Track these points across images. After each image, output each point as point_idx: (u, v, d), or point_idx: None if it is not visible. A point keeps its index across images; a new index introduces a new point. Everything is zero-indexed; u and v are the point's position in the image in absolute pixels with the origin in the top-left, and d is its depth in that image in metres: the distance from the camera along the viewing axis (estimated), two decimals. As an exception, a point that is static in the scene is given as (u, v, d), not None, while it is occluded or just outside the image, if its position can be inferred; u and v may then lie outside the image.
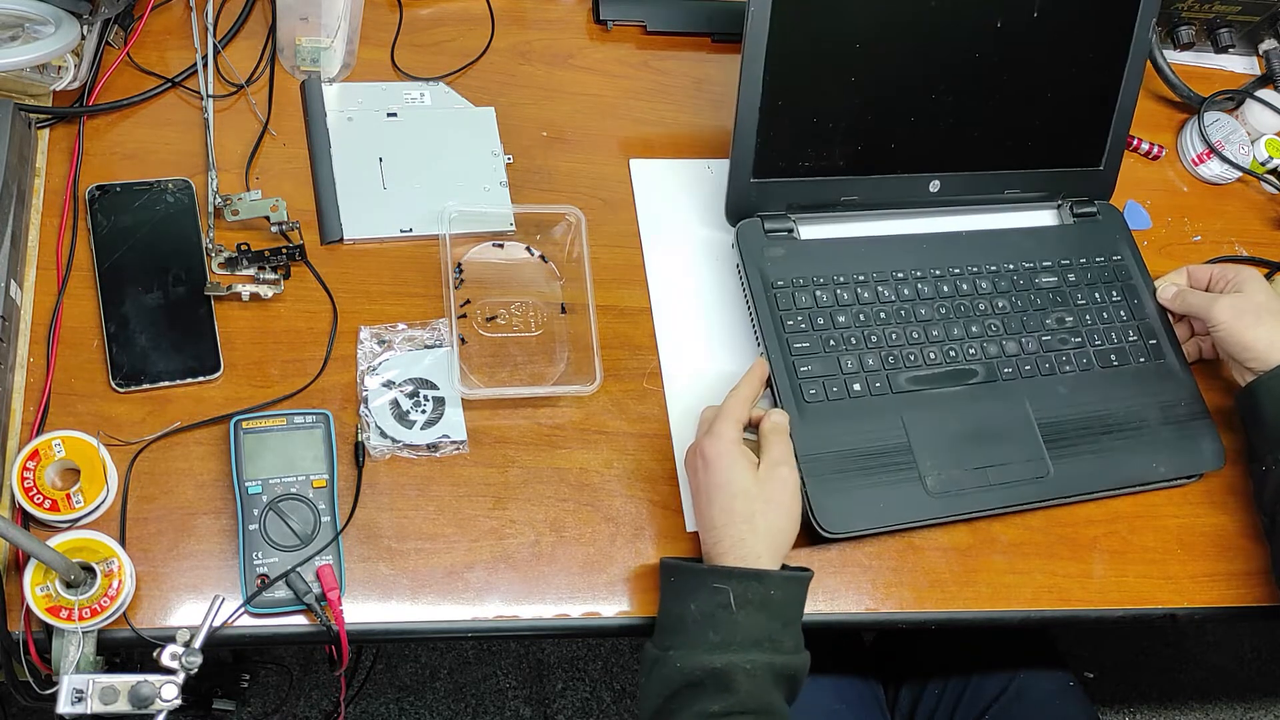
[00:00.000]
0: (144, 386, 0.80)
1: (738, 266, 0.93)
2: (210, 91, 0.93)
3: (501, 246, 0.93)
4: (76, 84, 0.89)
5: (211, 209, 0.87)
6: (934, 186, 0.97)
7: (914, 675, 1.07)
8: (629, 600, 0.81)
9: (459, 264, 0.91)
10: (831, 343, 0.90)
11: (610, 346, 0.90)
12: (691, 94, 1.04)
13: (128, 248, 0.85)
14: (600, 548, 0.82)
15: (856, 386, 0.88)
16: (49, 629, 0.70)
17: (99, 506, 0.75)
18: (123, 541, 0.75)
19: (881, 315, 0.92)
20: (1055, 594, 0.87)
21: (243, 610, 0.74)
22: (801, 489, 0.82)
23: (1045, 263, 0.99)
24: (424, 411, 0.83)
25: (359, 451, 0.81)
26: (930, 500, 0.85)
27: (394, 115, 0.97)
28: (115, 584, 0.70)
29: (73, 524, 0.74)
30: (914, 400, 0.89)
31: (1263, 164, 1.13)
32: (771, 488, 0.77)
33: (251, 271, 0.85)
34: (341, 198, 0.91)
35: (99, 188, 0.87)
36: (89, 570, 0.70)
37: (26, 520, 0.74)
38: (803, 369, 0.88)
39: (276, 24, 0.95)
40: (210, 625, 0.71)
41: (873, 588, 0.84)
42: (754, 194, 0.93)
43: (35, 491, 0.73)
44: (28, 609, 0.69)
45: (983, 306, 0.95)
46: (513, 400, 0.86)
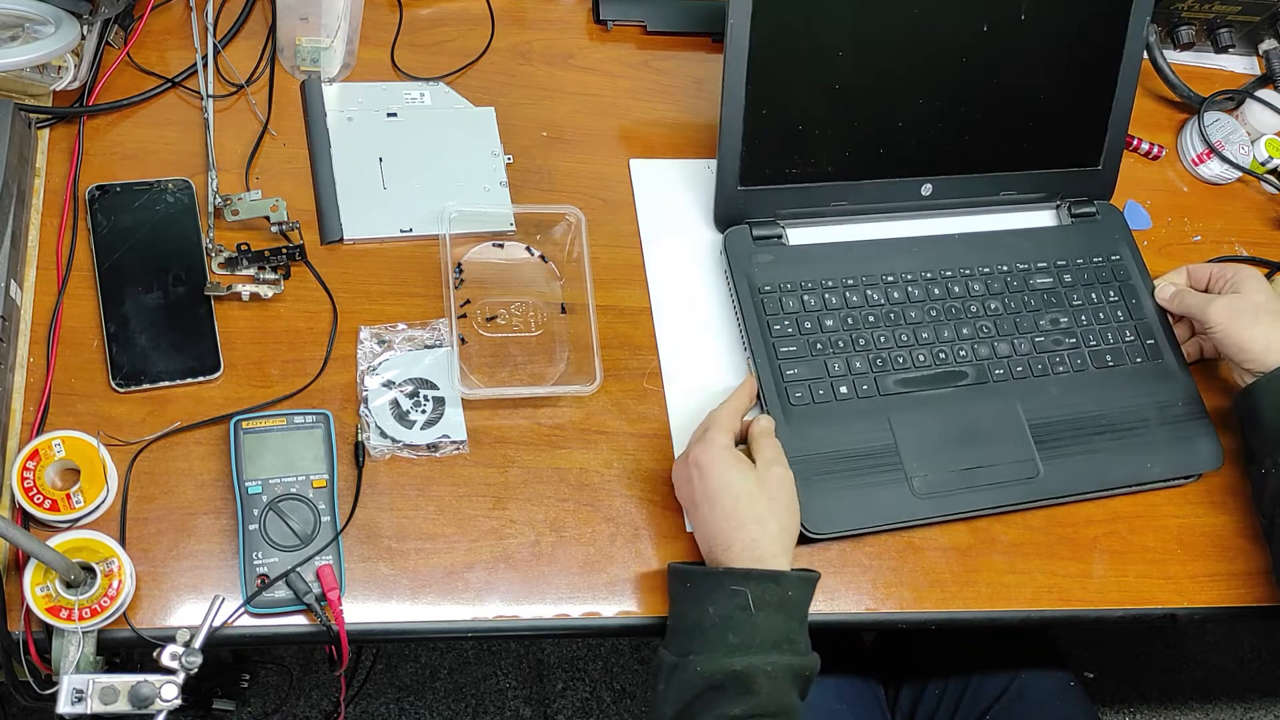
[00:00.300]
0: (144, 386, 0.80)
1: (726, 273, 0.93)
2: (210, 91, 0.93)
3: (501, 246, 0.93)
4: (76, 84, 0.89)
5: (211, 209, 0.87)
6: (926, 190, 0.97)
7: (914, 675, 1.07)
8: (629, 600, 0.81)
9: (459, 264, 0.91)
10: (818, 347, 0.90)
11: (610, 346, 0.90)
12: (691, 94, 1.04)
13: (128, 248, 0.85)
14: (600, 548, 0.82)
15: (843, 390, 0.89)
16: (49, 629, 0.70)
17: (99, 506, 0.75)
18: (123, 541, 0.75)
19: (870, 318, 0.92)
20: (1055, 594, 0.87)
21: (243, 610, 0.74)
22: None
23: (1041, 264, 0.99)
24: (424, 411, 0.83)
25: (359, 451, 0.81)
26: (917, 501, 0.85)
27: (394, 115, 0.97)
28: (115, 584, 0.70)
29: (73, 524, 0.74)
30: (902, 402, 0.89)
31: (1263, 164, 1.13)
32: (772, 487, 0.77)
33: (251, 271, 0.85)
34: (341, 198, 0.91)
35: (99, 188, 0.87)
36: (89, 570, 0.70)
37: (26, 520, 0.74)
38: (789, 373, 0.88)
39: (276, 24, 0.95)
40: (210, 625, 0.71)
41: (873, 588, 0.84)
42: (742, 201, 0.93)
43: (35, 491, 0.73)
44: (28, 609, 0.69)
45: (974, 308, 0.95)
46: (513, 400, 0.86)
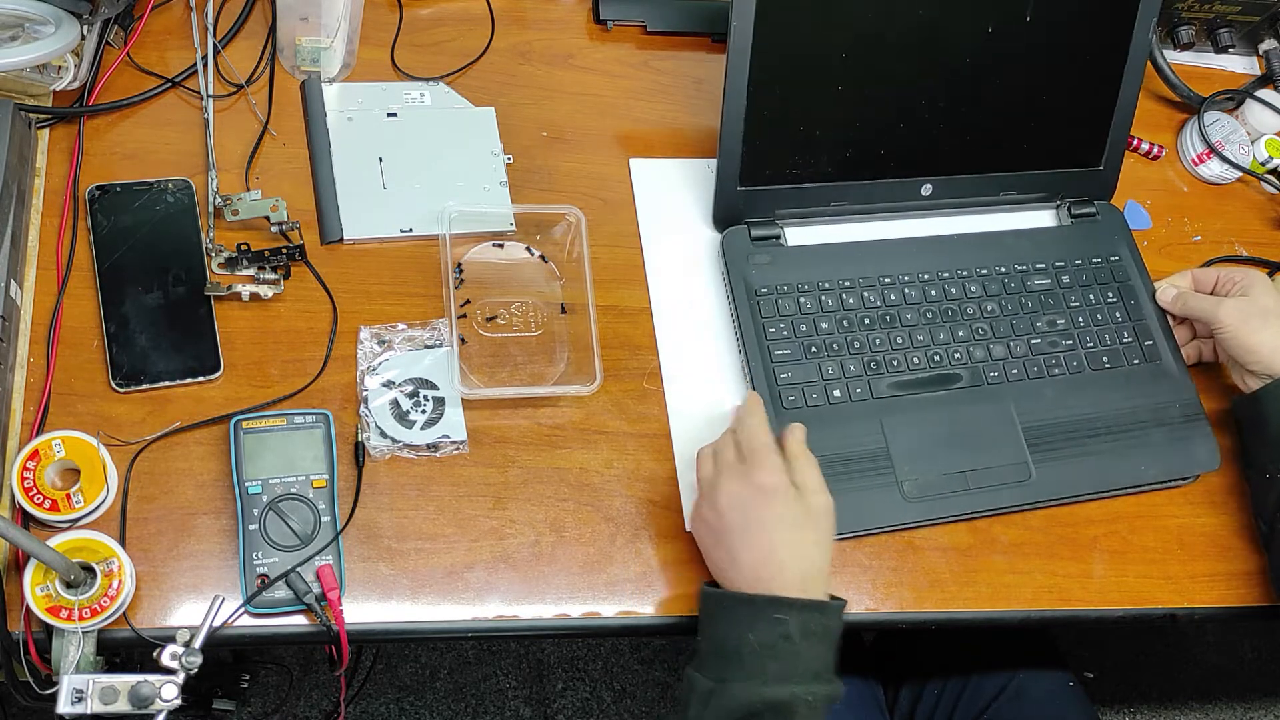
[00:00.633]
0: (144, 386, 0.80)
1: (723, 274, 0.93)
2: (210, 91, 0.93)
3: (501, 246, 0.93)
4: (76, 84, 0.89)
5: (211, 209, 0.87)
6: (926, 190, 0.97)
7: (914, 675, 1.07)
8: (629, 600, 0.81)
9: (459, 264, 0.91)
10: (813, 349, 0.90)
11: (610, 346, 0.90)
12: (691, 94, 1.04)
13: (128, 248, 0.85)
14: (600, 548, 0.82)
15: (836, 393, 0.89)
16: (49, 629, 0.70)
17: (99, 506, 0.75)
18: (123, 541, 0.75)
19: (866, 321, 0.92)
20: (1055, 594, 0.87)
21: (243, 610, 0.74)
22: None
23: (1039, 264, 0.98)
24: (424, 411, 0.83)
25: (359, 451, 0.81)
26: (907, 505, 0.85)
27: (394, 115, 0.96)
28: (115, 584, 0.70)
29: (73, 524, 0.74)
30: (895, 405, 0.89)
31: (1263, 164, 1.13)
32: (818, 516, 0.76)
33: (251, 271, 0.85)
34: (341, 198, 0.91)
35: (99, 188, 0.87)
36: (89, 570, 0.70)
37: (26, 520, 0.74)
38: (783, 375, 0.88)
39: (276, 24, 0.95)
40: (210, 625, 0.71)
41: (873, 588, 0.84)
42: (741, 201, 0.93)
43: (35, 491, 0.73)
44: (28, 609, 0.69)
45: (971, 310, 0.95)
46: (513, 400, 0.86)
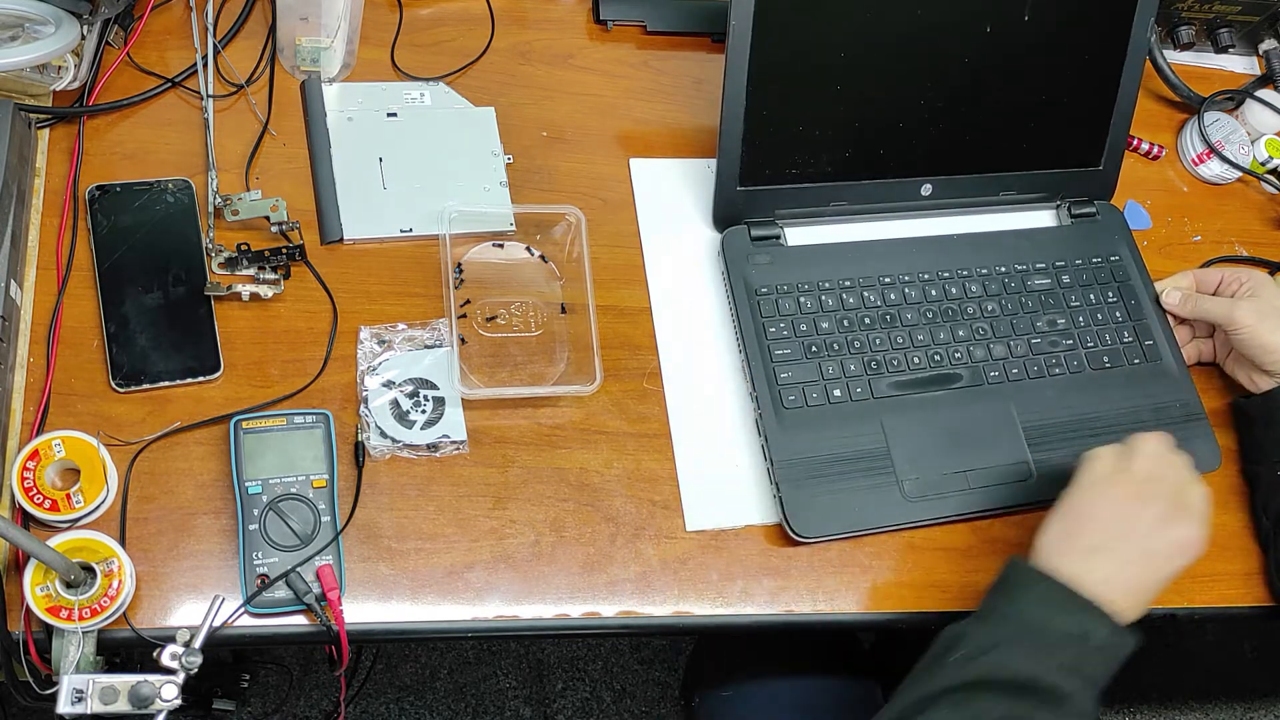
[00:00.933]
0: (144, 386, 0.80)
1: (723, 274, 0.93)
2: (210, 91, 0.93)
3: (501, 246, 0.93)
4: (76, 84, 0.89)
5: (211, 209, 0.87)
6: (925, 190, 0.97)
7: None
8: (629, 600, 0.81)
9: (459, 264, 0.91)
10: (813, 349, 0.90)
11: (610, 346, 0.90)
12: (691, 94, 1.04)
13: (128, 248, 0.85)
14: (600, 548, 0.82)
15: (837, 392, 0.88)
16: (49, 629, 0.70)
17: (99, 506, 0.75)
18: (123, 541, 0.75)
19: (866, 320, 0.92)
20: (1055, 594, 0.86)
21: (243, 610, 0.74)
22: (775, 493, 0.84)
23: (1039, 264, 0.98)
24: (424, 411, 0.83)
25: (359, 451, 0.81)
26: (907, 504, 0.85)
27: (394, 115, 0.96)
28: (115, 584, 0.70)
29: (73, 524, 0.74)
30: (895, 405, 0.89)
31: (1263, 164, 1.13)
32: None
33: (251, 271, 0.85)
34: (341, 198, 0.91)
35: (99, 188, 0.87)
36: (89, 570, 0.70)
37: (26, 520, 0.74)
38: (783, 375, 0.88)
39: (276, 24, 0.95)
40: (210, 625, 0.71)
41: (873, 588, 0.84)
42: (741, 201, 0.93)
43: (35, 491, 0.73)
44: (28, 609, 0.69)
45: (971, 310, 0.95)
46: (513, 400, 0.86)
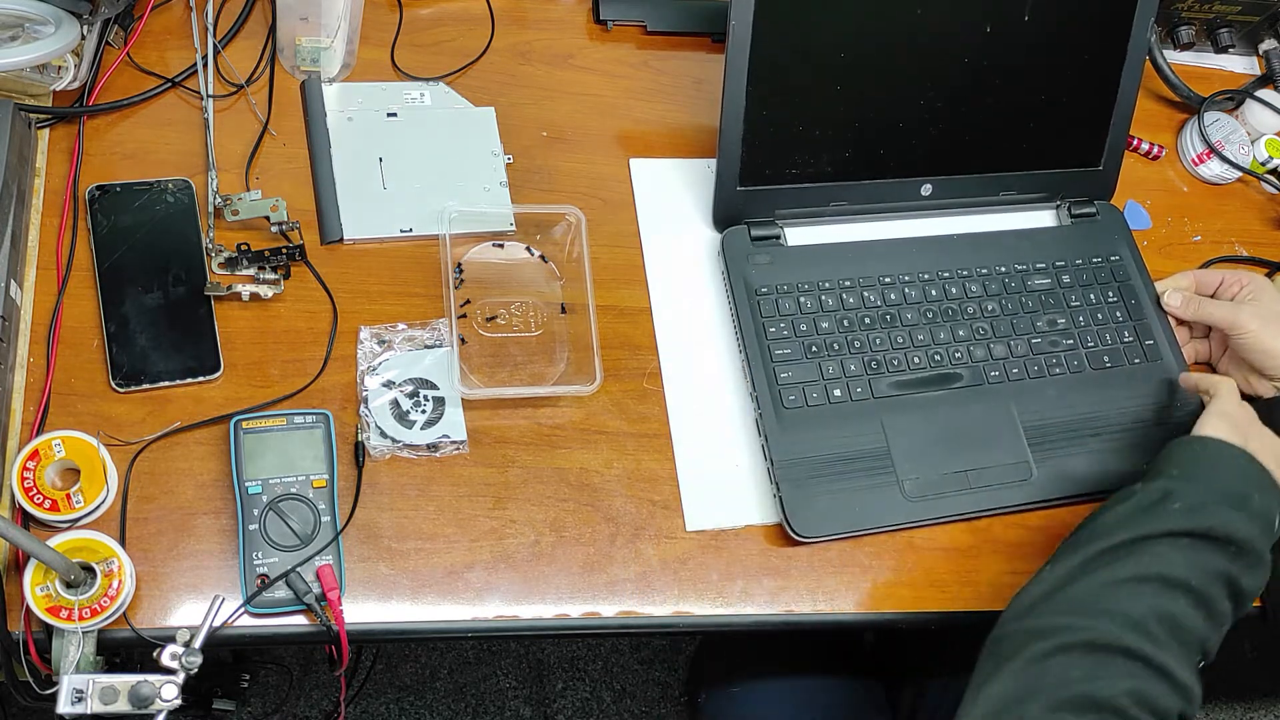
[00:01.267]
0: (144, 386, 0.80)
1: (723, 274, 0.93)
2: (210, 91, 0.93)
3: (501, 246, 0.93)
4: (76, 84, 0.89)
5: (211, 209, 0.87)
6: (925, 190, 0.97)
7: (915, 675, 1.06)
8: (629, 600, 0.81)
9: (459, 264, 0.91)
10: (813, 349, 0.90)
11: (610, 346, 0.90)
12: (691, 94, 1.04)
13: (128, 248, 0.85)
14: (600, 548, 0.82)
15: (837, 392, 0.88)
16: (49, 629, 0.70)
17: (99, 506, 0.75)
18: (123, 541, 0.75)
19: (866, 320, 0.92)
20: (1055, 594, 0.86)
21: (243, 610, 0.74)
22: (776, 493, 0.84)
23: (1039, 264, 0.98)
24: (424, 411, 0.83)
25: (359, 451, 0.81)
26: (908, 504, 0.85)
27: (394, 115, 0.96)
28: (115, 584, 0.70)
29: (73, 524, 0.74)
30: (895, 405, 0.89)
31: (1263, 164, 1.13)
32: None
33: (251, 271, 0.85)
34: (341, 198, 0.91)
35: (99, 188, 0.87)
36: (89, 570, 0.70)
37: (26, 520, 0.74)
38: (783, 375, 0.88)
39: (276, 24, 0.95)
40: (210, 625, 0.71)
41: (873, 588, 0.84)
42: (741, 201, 0.93)
43: (35, 491, 0.73)
44: (28, 609, 0.69)
45: (971, 310, 0.95)
46: (513, 400, 0.86)
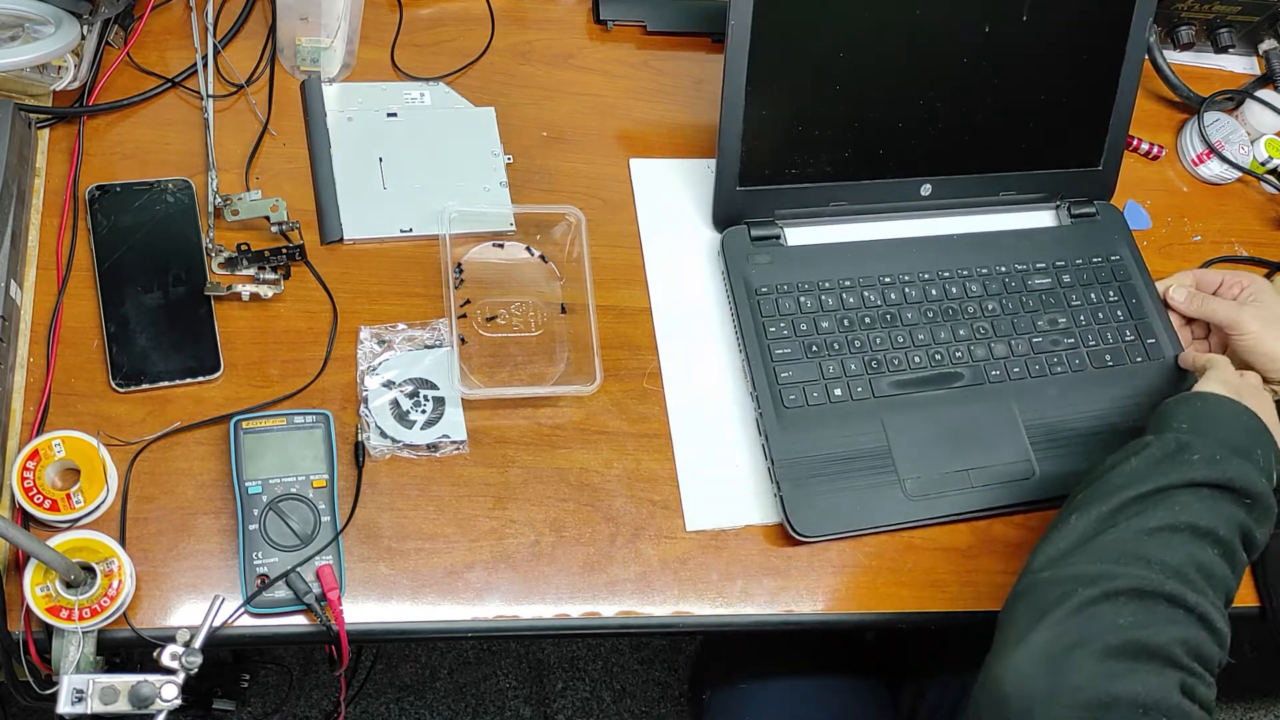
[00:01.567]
0: (144, 386, 0.80)
1: (723, 274, 0.93)
2: (210, 91, 0.93)
3: (501, 246, 0.93)
4: (76, 84, 0.89)
5: (211, 209, 0.87)
6: (925, 190, 0.97)
7: (915, 674, 1.07)
8: (629, 600, 0.81)
9: (459, 264, 0.91)
10: (814, 348, 0.90)
11: (610, 346, 0.90)
12: (691, 94, 1.04)
13: (128, 248, 0.85)
14: (600, 548, 0.82)
15: (838, 392, 0.88)
16: (49, 629, 0.70)
17: (99, 506, 0.75)
18: (123, 541, 0.75)
19: (866, 320, 0.92)
20: (1055, 594, 0.86)
21: (243, 610, 0.74)
22: (776, 493, 0.84)
23: (1039, 264, 0.98)
24: (424, 411, 0.83)
25: (359, 451, 0.81)
26: (909, 503, 0.85)
27: (394, 115, 0.96)
28: (115, 584, 0.70)
29: (73, 524, 0.74)
30: (896, 404, 0.89)
31: (1263, 164, 1.13)
32: None
33: (251, 271, 0.85)
34: (341, 198, 0.91)
35: (99, 188, 0.87)
36: (89, 570, 0.70)
37: (26, 520, 0.74)
38: (783, 375, 0.88)
39: (276, 24, 0.95)
40: (210, 625, 0.71)
41: (873, 588, 0.84)
42: (741, 201, 0.93)
43: (35, 491, 0.73)
44: (28, 609, 0.69)
45: (971, 309, 0.95)
46: (513, 400, 0.86)
